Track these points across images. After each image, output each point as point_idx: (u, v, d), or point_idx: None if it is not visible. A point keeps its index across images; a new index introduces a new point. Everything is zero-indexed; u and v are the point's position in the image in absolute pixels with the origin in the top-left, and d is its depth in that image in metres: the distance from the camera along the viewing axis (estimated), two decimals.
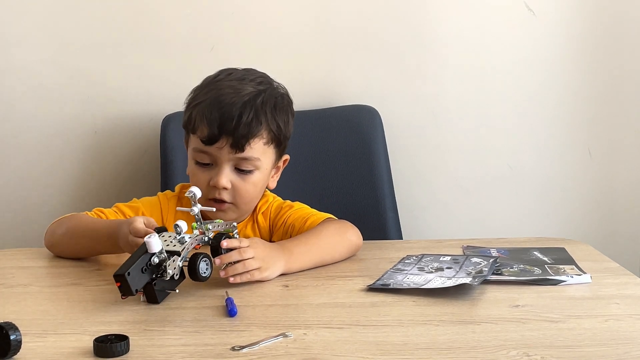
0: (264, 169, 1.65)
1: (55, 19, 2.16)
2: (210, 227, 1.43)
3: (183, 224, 1.36)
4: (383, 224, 2.08)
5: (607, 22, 2.23)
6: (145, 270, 1.31)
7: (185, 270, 1.37)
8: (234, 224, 1.50)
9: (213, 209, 1.48)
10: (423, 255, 1.61)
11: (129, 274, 1.27)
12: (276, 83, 1.71)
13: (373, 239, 1.81)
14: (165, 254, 1.32)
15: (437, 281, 1.42)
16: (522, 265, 1.54)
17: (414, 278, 1.45)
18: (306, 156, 2.11)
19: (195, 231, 1.41)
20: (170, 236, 1.38)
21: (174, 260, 1.33)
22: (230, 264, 1.41)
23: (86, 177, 2.23)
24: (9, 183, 2.23)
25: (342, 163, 2.12)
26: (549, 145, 2.29)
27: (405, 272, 1.50)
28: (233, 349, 1.13)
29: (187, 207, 1.42)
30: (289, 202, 1.75)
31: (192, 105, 1.65)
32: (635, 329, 1.22)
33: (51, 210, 2.19)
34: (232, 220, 1.56)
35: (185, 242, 1.36)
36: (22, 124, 2.20)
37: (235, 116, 1.59)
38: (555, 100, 2.27)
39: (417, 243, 1.85)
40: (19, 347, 1.10)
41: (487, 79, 2.25)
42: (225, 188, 1.62)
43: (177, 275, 1.34)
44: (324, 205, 1.77)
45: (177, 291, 1.36)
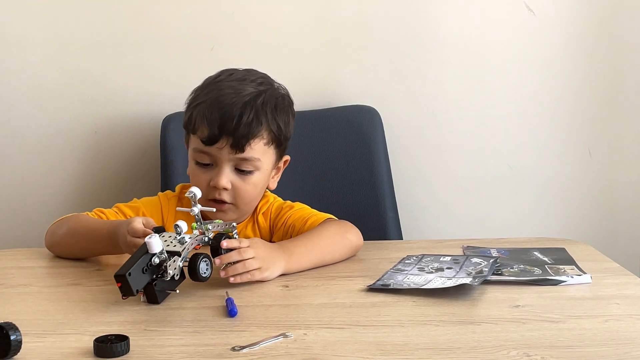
0: (264, 169, 1.65)
1: (55, 19, 2.16)
2: (210, 227, 1.43)
3: (183, 224, 1.36)
4: (383, 224, 2.08)
5: (606, 22, 2.23)
6: (146, 270, 1.31)
7: (186, 270, 1.37)
8: (234, 224, 1.50)
9: (213, 210, 1.48)
10: (423, 256, 1.61)
11: (130, 274, 1.27)
12: (277, 84, 1.71)
13: (373, 239, 1.81)
14: (165, 255, 1.32)
15: (437, 281, 1.42)
16: (522, 266, 1.54)
17: (414, 278, 1.45)
18: (306, 156, 2.11)
19: (195, 231, 1.41)
20: (170, 236, 1.38)
21: (174, 261, 1.33)
22: (231, 264, 1.41)
23: (86, 177, 2.23)
24: (9, 183, 2.23)
25: (342, 163, 2.12)
26: (549, 145, 2.29)
27: (406, 272, 1.50)
28: (233, 349, 1.13)
29: (187, 208, 1.42)
30: (289, 202, 1.75)
31: (193, 105, 1.65)
32: (636, 329, 1.22)
33: (51, 210, 2.19)
34: (232, 220, 1.56)
35: (186, 242, 1.36)
36: (22, 124, 2.20)
37: (236, 116, 1.59)
38: (555, 100, 2.26)
39: (417, 243, 1.85)
40: (19, 347, 1.10)
41: (487, 79, 2.24)
42: (225, 188, 1.62)
43: (177, 275, 1.34)
44: (324, 206, 1.77)
45: (178, 291, 1.36)
